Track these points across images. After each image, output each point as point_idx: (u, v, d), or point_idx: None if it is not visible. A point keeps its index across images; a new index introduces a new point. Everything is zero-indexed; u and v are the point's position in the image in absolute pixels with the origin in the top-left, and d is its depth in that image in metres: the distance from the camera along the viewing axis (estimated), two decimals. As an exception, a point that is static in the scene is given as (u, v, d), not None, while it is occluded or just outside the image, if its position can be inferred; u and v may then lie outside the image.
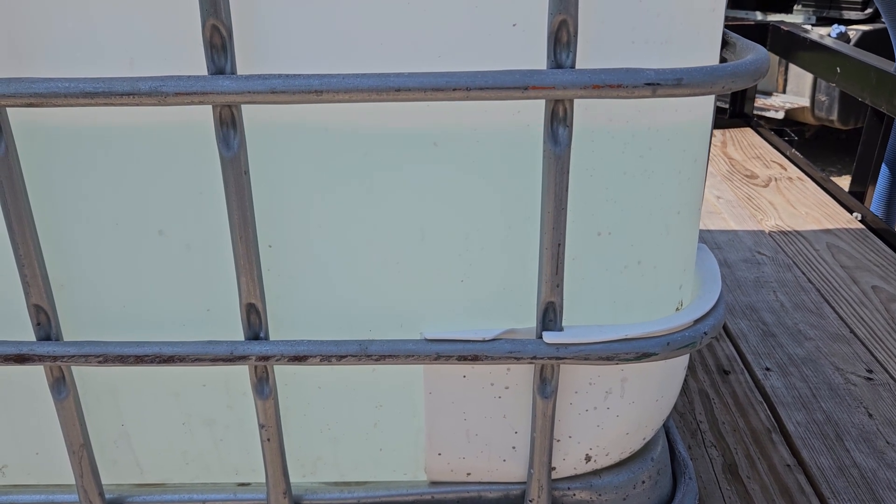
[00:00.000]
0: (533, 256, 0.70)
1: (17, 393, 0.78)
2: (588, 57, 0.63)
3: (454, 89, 0.61)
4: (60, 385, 0.74)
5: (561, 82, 0.61)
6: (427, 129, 0.66)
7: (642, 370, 0.78)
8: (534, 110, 0.65)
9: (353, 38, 0.63)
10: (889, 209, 2.22)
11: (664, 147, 0.69)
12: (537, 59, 0.63)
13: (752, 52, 0.67)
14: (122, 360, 0.71)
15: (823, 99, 4.03)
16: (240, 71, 0.63)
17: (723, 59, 0.75)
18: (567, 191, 0.65)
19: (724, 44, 0.76)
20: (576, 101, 0.64)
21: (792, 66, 4.05)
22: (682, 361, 0.85)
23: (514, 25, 0.63)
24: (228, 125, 0.63)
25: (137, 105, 0.61)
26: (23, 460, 0.82)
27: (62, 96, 0.61)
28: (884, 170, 2.16)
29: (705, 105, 0.72)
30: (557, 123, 0.64)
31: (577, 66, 0.62)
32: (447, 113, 0.66)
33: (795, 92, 4.15)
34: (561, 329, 0.71)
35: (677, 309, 0.78)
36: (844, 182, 2.90)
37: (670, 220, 0.73)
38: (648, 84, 0.60)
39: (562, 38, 0.61)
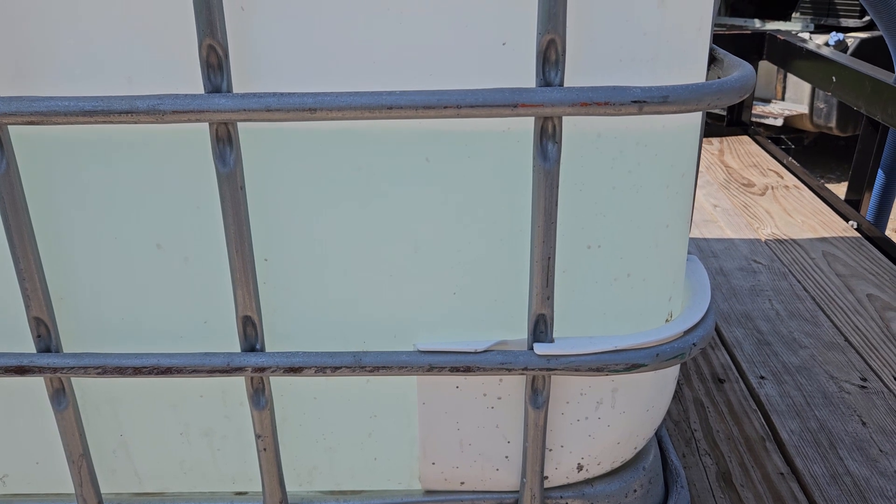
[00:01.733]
0: (524, 269, 0.71)
1: (18, 404, 0.79)
2: (576, 75, 0.65)
3: (445, 107, 0.62)
4: (60, 396, 0.75)
5: (549, 100, 0.62)
6: (419, 146, 0.68)
7: (633, 381, 0.79)
8: (524, 127, 0.67)
9: (347, 56, 0.64)
10: (881, 213, 2.25)
11: (652, 162, 0.70)
12: (526, 77, 0.64)
13: (738, 69, 0.69)
14: (121, 371, 0.72)
15: (822, 106, 4.04)
16: (236, 89, 0.64)
17: (715, 75, 0.76)
18: (557, 205, 0.67)
19: (713, 59, 0.78)
20: (564, 118, 0.65)
21: (789, 74, 4.06)
22: (673, 372, 0.86)
23: (503, 44, 0.64)
24: (225, 142, 0.65)
25: (135, 122, 0.63)
26: (23, 470, 0.83)
27: (62, 114, 0.62)
28: (880, 174, 2.18)
29: (693, 121, 0.74)
30: (547, 140, 0.65)
31: (566, 84, 0.63)
32: (439, 129, 0.67)
33: (794, 99, 4.16)
34: (552, 341, 0.73)
35: (667, 320, 0.80)
36: (842, 189, 2.91)
37: (659, 233, 0.74)
38: (635, 102, 0.62)
39: (550, 57, 0.62)
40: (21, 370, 0.72)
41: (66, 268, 0.72)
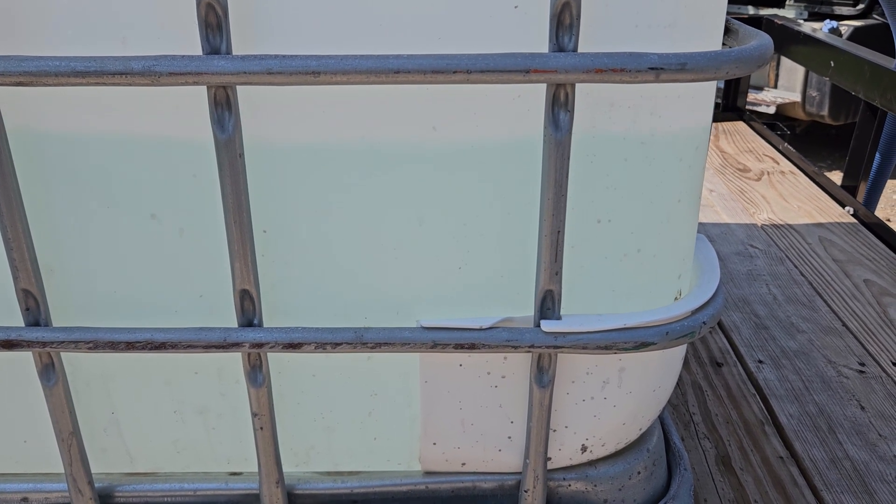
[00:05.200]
0: (532, 244, 0.69)
1: (5, 379, 0.76)
2: (590, 40, 0.62)
3: (454, 72, 0.60)
4: (49, 371, 0.72)
5: (563, 66, 0.60)
6: (426, 113, 0.65)
7: (640, 360, 0.78)
8: (534, 94, 0.64)
9: (352, 18, 0.62)
10: (872, 194, 2.26)
11: (666, 134, 0.68)
12: (539, 42, 0.62)
13: (756, 39, 0.67)
14: (113, 346, 0.70)
15: (814, 94, 4.04)
16: (235, 51, 0.61)
17: (729, 47, 0.74)
18: (567, 177, 0.64)
19: (727, 31, 0.76)
20: (577, 86, 0.63)
21: (784, 61, 4.05)
22: (680, 351, 0.85)
23: (515, 7, 0.62)
24: (223, 106, 0.62)
25: (130, 85, 0.60)
26: (10, 448, 0.81)
27: (53, 75, 0.59)
28: (877, 158, 2.18)
29: (708, 91, 0.72)
30: (559, 108, 0.63)
31: (580, 50, 0.61)
32: (446, 96, 0.65)
33: (787, 87, 4.16)
34: (559, 317, 0.71)
35: (676, 298, 0.78)
36: (834, 177, 2.91)
37: (671, 208, 0.72)
38: (652, 69, 0.60)
39: (564, 21, 0.60)
40: (8, 344, 0.69)
41: (56, 238, 0.69)
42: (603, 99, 0.65)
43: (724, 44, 0.75)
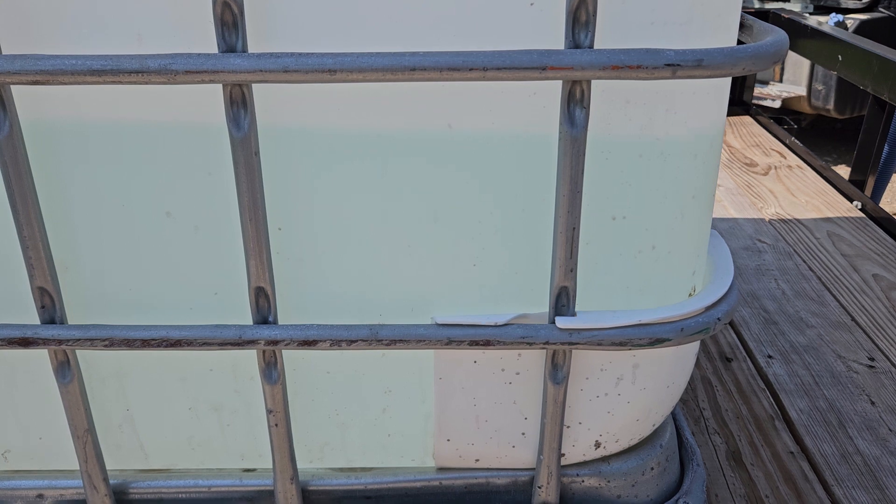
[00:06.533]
0: (546, 240, 0.69)
1: (21, 377, 0.77)
2: (606, 37, 0.62)
3: (470, 69, 0.60)
4: (65, 369, 0.72)
5: (579, 63, 0.60)
6: (441, 110, 0.65)
7: (654, 356, 0.78)
8: (550, 91, 0.64)
9: (368, 16, 0.62)
10: (878, 186, 2.26)
11: (681, 130, 0.68)
12: (555, 39, 0.62)
13: (771, 35, 0.66)
14: (129, 343, 0.70)
15: (820, 88, 4.02)
16: (251, 49, 0.61)
17: (740, 42, 0.74)
18: (583, 173, 0.64)
19: (742, 27, 0.75)
20: (593, 82, 0.62)
21: (789, 55, 4.04)
22: (693, 348, 0.85)
23: (531, 4, 0.62)
24: (239, 105, 0.62)
25: (146, 83, 0.60)
26: (26, 445, 0.81)
27: (69, 73, 0.59)
28: (885, 149, 2.18)
29: (722, 88, 0.71)
30: (574, 105, 0.63)
31: (596, 47, 0.61)
32: (462, 93, 0.64)
33: (792, 81, 4.14)
34: (574, 314, 0.71)
35: (690, 294, 0.78)
36: (840, 171, 2.90)
37: (685, 204, 0.72)
38: (668, 65, 0.59)
39: (580, 18, 0.60)
40: (25, 342, 0.70)
41: (71, 236, 0.69)
42: (618, 96, 0.65)
43: (738, 40, 0.75)
